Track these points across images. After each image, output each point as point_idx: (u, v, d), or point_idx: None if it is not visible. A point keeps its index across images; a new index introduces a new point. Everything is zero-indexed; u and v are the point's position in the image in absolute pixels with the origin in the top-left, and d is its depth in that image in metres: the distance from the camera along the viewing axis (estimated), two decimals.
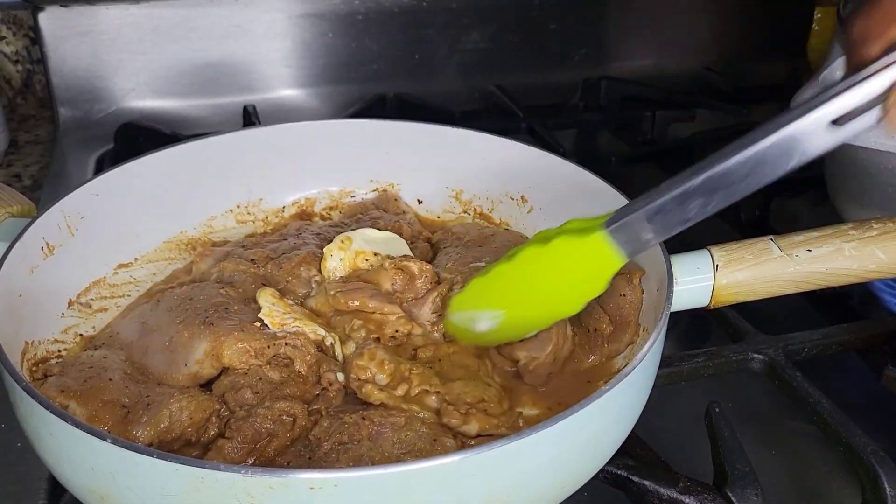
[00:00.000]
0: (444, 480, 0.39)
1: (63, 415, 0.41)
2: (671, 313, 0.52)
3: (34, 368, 0.53)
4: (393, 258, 0.60)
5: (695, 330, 0.69)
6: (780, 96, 1.07)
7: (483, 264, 0.61)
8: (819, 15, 1.17)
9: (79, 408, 0.48)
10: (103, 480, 0.41)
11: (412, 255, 0.63)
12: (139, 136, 0.94)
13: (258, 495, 0.38)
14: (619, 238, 0.48)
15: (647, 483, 0.50)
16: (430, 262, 0.63)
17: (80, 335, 0.58)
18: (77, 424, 0.40)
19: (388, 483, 0.38)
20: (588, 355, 0.56)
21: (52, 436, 0.42)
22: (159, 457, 0.38)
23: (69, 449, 0.41)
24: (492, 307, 0.52)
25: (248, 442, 0.48)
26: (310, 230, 0.67)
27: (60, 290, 0.59)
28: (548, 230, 0.51)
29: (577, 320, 0.57)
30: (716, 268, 0.53)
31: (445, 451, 0.46)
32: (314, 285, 0.60)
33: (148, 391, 0.50)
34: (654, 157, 0.97)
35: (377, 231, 0.63)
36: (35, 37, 1.01)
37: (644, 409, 0.49)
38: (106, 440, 0.39)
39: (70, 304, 0.59)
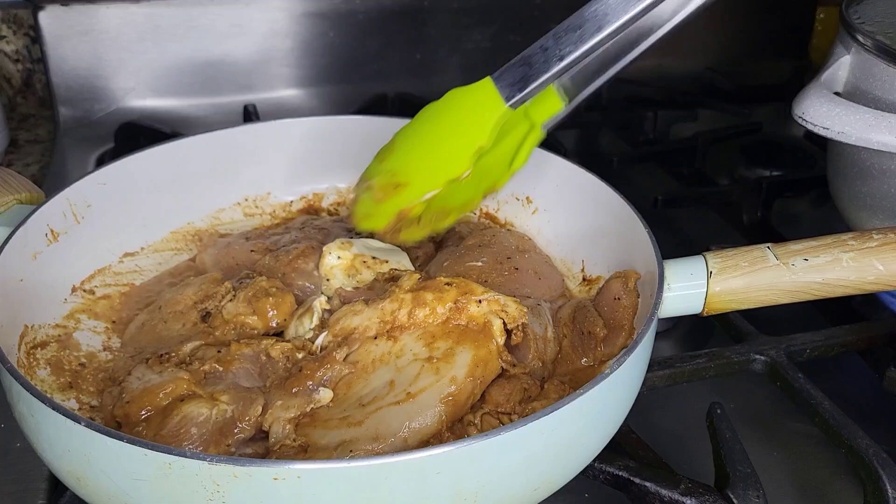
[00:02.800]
0: (410, 476, 0.39)
1: (41, 396, 0.41)
2: (669, 317, 0.52)
3: (32, 351, 0.53)
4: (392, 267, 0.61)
5: (696, 331, 0.69)
6: (783, 96, 1.07)
7: (480, 264, 0.61)
8: (822, 15, 1.17)
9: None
10: (78, 462, 0.41)
11: (412, 266, 0.63)
12: (139, 136, 0.93)
13: (223, 483, 0.38)
14: (502, 83, 0.52)
15: (648, 484, 0.50)
16: (425, 263, 0.64)
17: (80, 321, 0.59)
18: (54, 407, 0.41)
19: (352, 477, 0.38)
20: (580, 358, 0.56)
21: (32, 416, 0.43)
22: (129, 441, 0.38)
23: (47, 430, 0.42)
24: (391, 164, 0.55)
25: None
26: (314, 224, 0.67)
27: (64, 276, 0.59)
28: None
29: (570, 323, 0.57)
30: (709, 274, 0.52)
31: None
32: (314, 276, 0.61)
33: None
34: (657, 156, 0.97)
35: (380, 242, 0.63)
36: (35, 36, 1.00)
37: (646, 410, 0.49)
38: (80, 423, 0.39)
39: (73, 290, 0.60)
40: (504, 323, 0.52)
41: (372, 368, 0.51)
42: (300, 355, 0.52)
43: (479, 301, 0.52)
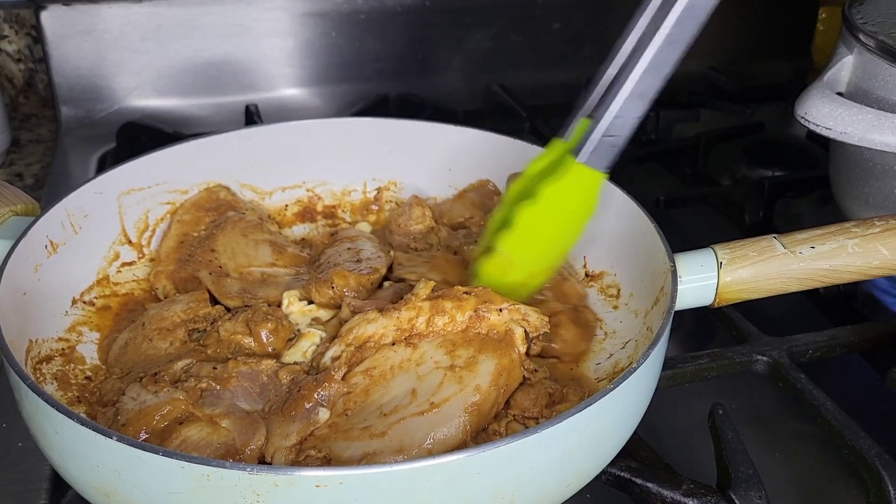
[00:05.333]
0: (450, 478, 0.39)
1: (68, 412, 0.41)
2: (676, 312, 0.52)
3: (38, 366, 0.53)
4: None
5: (698, 331, 0.69)
6: (785, 96, 1.07)
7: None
8: (824, 15, 1.16)
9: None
10: (108, 477, 0.41)
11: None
12: (141, 136, 0.93)
13: (263, 493, 0.38)
14: (596, 163, 0.53)
15: (649, 485, 0.50)
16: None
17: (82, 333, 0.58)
18: (83, 422, 0.40)
19: (394, 480, 0.38)
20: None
21: (57, 433, 0.42)
22: (165, 454, 0.38)
23: (74, 446, 0.41)
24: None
25: None
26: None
27: (64, 288, 0.59)
28: (519, 182, 0.57)
29: None
30: (719, 265, 0.52)
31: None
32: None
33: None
34: (659, 157, 0.97)
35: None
36: (37, 35, 1.00)
37: (647, 410, 0.49)
38: (111, 437, 0.39)
39: (74, 302, 0.59)
40: (526, 332, 0.53)
41: (391, 375, 0.50)
42: (303, 377, 0.51)
43: (500, 310, 0.52)
